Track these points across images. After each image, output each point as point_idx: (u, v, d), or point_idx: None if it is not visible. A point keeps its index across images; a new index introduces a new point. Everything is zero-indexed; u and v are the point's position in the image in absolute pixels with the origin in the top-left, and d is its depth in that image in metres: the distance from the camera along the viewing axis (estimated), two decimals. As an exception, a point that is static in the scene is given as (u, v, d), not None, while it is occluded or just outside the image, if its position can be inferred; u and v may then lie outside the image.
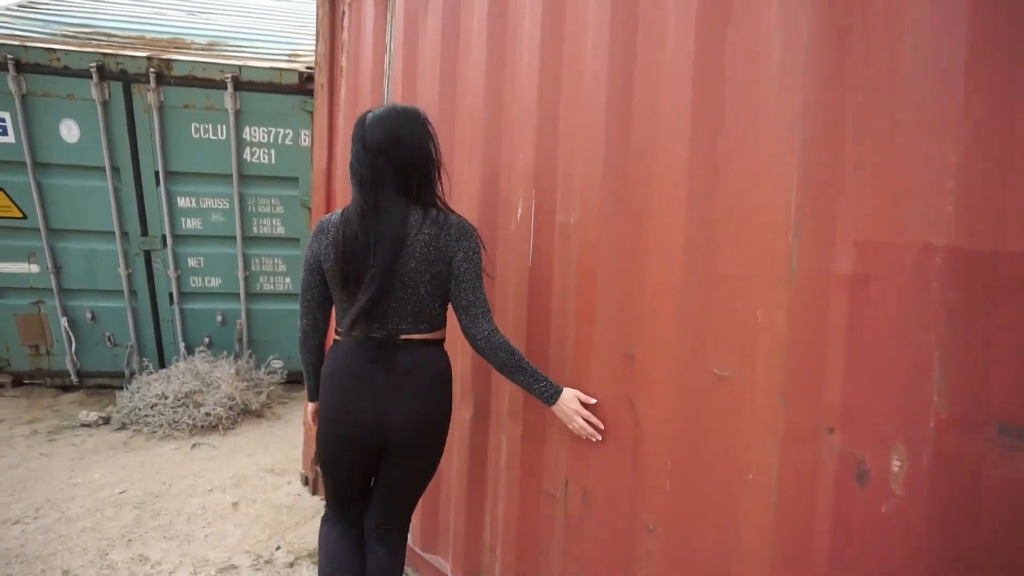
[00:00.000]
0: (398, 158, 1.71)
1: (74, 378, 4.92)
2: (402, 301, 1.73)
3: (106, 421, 4.37)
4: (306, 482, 3.32)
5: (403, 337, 1.76)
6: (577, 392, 1.76)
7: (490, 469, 2.20)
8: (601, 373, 1.76)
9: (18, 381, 5.04)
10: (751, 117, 1.38)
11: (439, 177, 1.81)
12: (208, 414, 4.16)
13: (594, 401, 1.75)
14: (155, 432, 4.08)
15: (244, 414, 4.41)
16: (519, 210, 2.01)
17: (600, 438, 1.74)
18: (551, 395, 1.74)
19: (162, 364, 5.00)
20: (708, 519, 1.49)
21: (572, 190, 1.83)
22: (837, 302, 1.25)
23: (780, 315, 1.32)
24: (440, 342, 1.86)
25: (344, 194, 2.87)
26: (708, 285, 1.49)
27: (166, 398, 4.15)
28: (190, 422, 4.11)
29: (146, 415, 4.14)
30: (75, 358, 4.84)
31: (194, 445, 3.96)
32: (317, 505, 3.18)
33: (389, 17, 2.62)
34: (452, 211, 1.82)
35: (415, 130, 1.75)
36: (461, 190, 2.25)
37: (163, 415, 4.10)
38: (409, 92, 2.51)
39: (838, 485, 1.25)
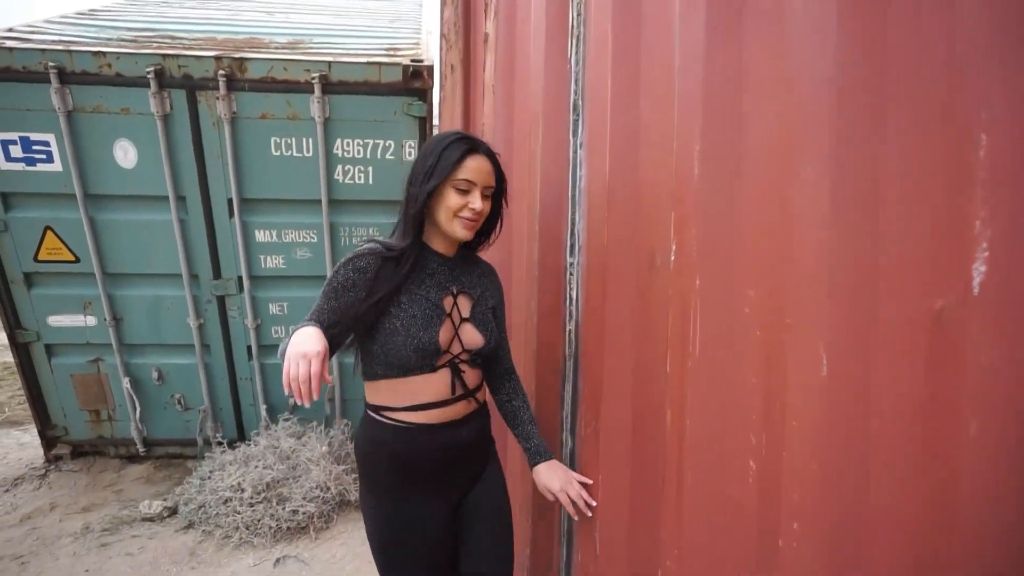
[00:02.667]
0: None
1: (140, 448, 4.13)
2: None
3: (172, 512, 3.50)
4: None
5: None
6: None
7: None
8: None
9: (78, 451, 4.26)
10: None
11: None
12: (295, 511, 3.21)
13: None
14: (229, 537, 3.15)
15: (340, 506, 3.45)
16: (979, 270, 0.90)
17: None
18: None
19: (240, 431, 4.16)
20: None
21: None
22: None
23: None
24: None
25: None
26: None
27: (242, 491, 3.23)
28: (273, 524, 3.16)
29: (218, 512, 3.22)
30: (140, 425, 4.05)
31: (279, 560, 3.00)
32: None
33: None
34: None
35: None
36: (789, 222, 1.16)
37: (239, 514, 3.17)
38: (628, 65, 1.45)
39: None
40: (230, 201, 3.62)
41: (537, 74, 1.75)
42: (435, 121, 3.64)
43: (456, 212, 1.47)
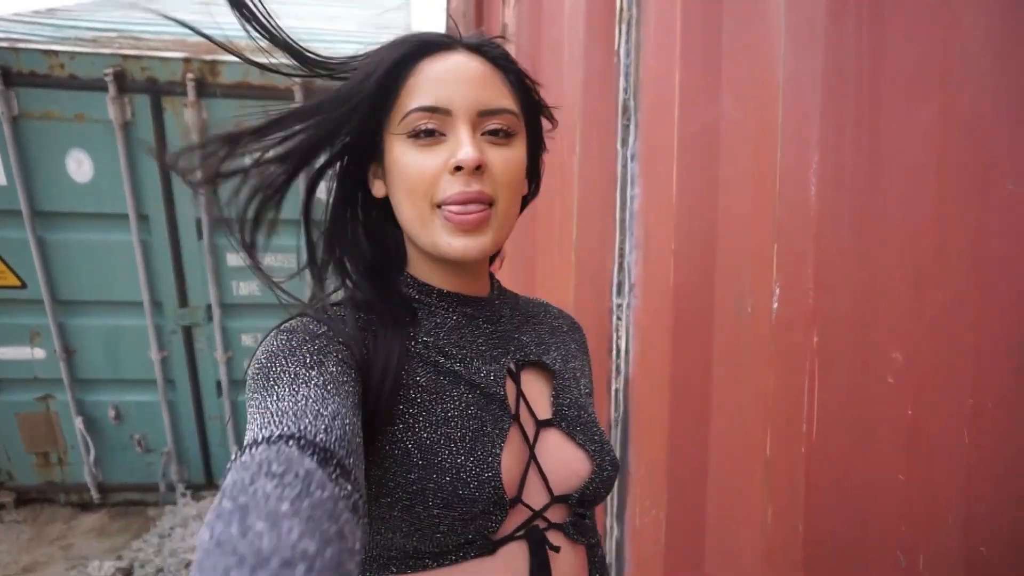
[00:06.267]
0: None
1: (95, 494, 3.73)
2: None
3: (127, 574, 3.07)
4: None
5: None
6: None
7: None
8: None
9: (24, 499, 3.82)
10: None
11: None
12: None
13: None
14: (191, 608, 2.74)
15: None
16: None
17: None
18: None
19: (209, 477, 3.77)
20: None
21: None
22: None
23: None
24: None
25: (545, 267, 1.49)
26: None
27: (207, 553, 2.81)
28: (241, 592, 2.75)
29: (178, 577, 2.81)
30: (95, 468, 3.64)
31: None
32: None
33: None
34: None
35: None
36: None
37: (203, 580, 2.76)
38: (704, 49, 1.12)
39: None
40: (199, 221, 3.27)
41: (573, 70, 1.41)
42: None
43: (425, 193, 0.64)
